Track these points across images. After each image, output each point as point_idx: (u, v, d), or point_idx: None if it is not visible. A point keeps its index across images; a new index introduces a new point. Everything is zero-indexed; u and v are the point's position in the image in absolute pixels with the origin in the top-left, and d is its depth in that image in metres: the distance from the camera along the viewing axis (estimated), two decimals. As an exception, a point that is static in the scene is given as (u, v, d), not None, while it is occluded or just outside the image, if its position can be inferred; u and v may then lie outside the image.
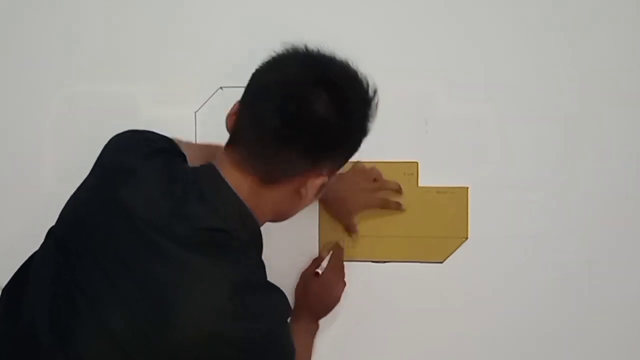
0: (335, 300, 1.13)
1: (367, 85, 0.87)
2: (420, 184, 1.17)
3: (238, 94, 0.88)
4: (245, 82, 0.87)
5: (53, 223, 0.88)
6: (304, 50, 0.86)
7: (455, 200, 1.17)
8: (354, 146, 0.90)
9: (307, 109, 0.81)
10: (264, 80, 0.85)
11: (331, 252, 1.16)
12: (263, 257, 0.90)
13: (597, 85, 1.15)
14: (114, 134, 0.94)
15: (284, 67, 0.85)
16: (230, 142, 0.87)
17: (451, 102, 1.16)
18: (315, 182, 0.85)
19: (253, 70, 0.87)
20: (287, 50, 0.86)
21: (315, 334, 1.13)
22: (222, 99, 1.16)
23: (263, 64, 0.87)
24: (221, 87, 1.17)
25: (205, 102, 1.17)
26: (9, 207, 1.21)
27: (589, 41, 1.15)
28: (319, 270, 1.15)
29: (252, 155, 0.84)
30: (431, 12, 1.16)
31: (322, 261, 1.16)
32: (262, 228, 0.89)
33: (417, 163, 1.17)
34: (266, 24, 1.17)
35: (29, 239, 0.88)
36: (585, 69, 1.15)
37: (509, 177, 1.16)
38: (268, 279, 0.88)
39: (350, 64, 0.86)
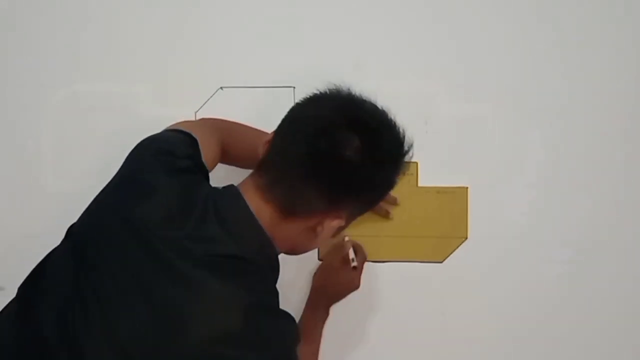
0: (356, 288, 1.11)
1: (403, 138, 0.87)
2: (420, 184, 1.17)
3: (238, 94, 0.88)
4: (245, 82, 0.87)
5: (53, 222, 0.87)
6: (347, 92, 0.87)
7: (455, 200, 1.17)
8: (378, 196, 0.91)
9: (335, 149, 0.81)
10: (300, 114, 0.87)
11: (352, 246, 1.12)
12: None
13: (597, 85, 1.15)
14: (115, 133, 0.93)
15: (322, 104, 0.86)
16: (258, 167, 0.87)
17: (451, 102, 1.16)
18: (332, 224, 0.85)
19: (253, 70, 0.87)
20: (329, 90, 0.87)
21: (326, 321, 1.12)
22: (222, 99, 1.16)
23: (304, 98, 0.88)
24: (221, 87, 1.17)
25: (206, 102, 1.17)
26: (9, 207, 1.20)
27: (589, 42, 1.15)
28: (353, 263, 1.10)
29: (275, 183, 0.84)
30: (431, 13, 1.16)
31: (346, 252, 1.11)
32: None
33: (416, 163, 1.17)
34: (267, 24, 1.17)
35: (29, 239, 0.88)
36: (586, 70, 1.15)
37: (509, 177, 1.16)
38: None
39: (390, 115, 0.86)
